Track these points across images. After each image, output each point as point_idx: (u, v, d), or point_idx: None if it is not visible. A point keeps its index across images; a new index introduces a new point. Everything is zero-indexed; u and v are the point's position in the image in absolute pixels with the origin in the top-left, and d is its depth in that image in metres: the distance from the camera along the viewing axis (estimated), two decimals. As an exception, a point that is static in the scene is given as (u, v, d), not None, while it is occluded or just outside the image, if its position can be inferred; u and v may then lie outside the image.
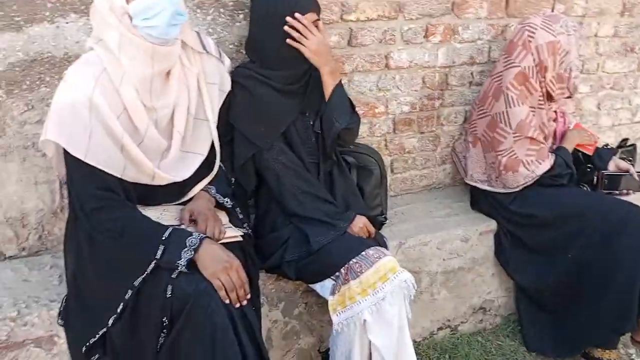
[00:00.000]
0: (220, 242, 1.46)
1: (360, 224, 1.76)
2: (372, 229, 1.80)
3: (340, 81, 1.77)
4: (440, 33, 2.26)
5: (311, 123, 1.80)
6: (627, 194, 2.24)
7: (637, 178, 2.24)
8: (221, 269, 1.34)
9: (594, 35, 2.63)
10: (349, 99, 1.81)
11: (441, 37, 2.27)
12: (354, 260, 1.60)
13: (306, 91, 1.78)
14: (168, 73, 1.46)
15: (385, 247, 1.80)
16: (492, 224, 2.21)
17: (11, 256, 1.77)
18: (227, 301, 1.34)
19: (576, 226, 2.04)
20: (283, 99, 1.74)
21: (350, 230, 1.73)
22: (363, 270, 1.58)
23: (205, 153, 1.59)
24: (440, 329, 2.18)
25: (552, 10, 2.45)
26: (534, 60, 2.09)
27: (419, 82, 2.28)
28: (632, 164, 2.37)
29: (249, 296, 1.38)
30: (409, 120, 2.31)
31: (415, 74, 2.27)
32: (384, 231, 1.99)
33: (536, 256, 2.14)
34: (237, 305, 1.35)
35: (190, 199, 1.59)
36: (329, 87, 1.73)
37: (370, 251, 1.62)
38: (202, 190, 1.61)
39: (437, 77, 2.32)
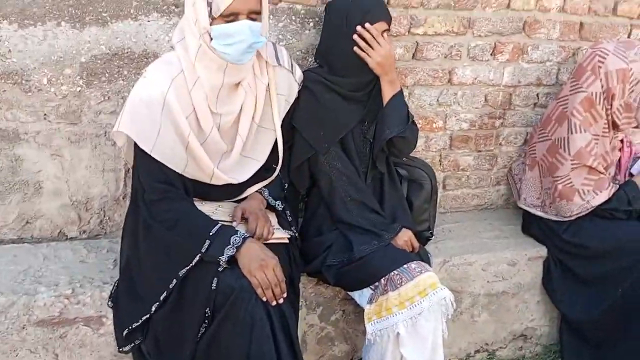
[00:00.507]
0: (267, 242, 1.53)
1: (405, 238, 1.78)
2: (417, 244, 1.81)
3: (400, 91, 1.79)
4: (508, 52, 2.23)
5: (366, 136, 1.83)
6: None
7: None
8: (257, 267, 1.40)
9: (672, 64, 2.50)
10: (408, 110, 1.82)
11: (509, 55, 2.23)
12: (395, 272, 1.62)
13: (369, 99, 1.81)
14: (238, 83, 1.54)
15: (429, 262, 1.81)
16: (542, 251, 2.17)
17: (72, 237, 1.89)
18: (264, 299, 1.40)
19: (630, 261, 1.98)
20: (347, 105, 1.78)
21: (395, 242, 1.75)
22: (403, 283, 1.60)
23: (263, 160, 1.66)
24: (477, 351, 2.16)
25: (629, 36, 2.36)
26: (602, 86, 2.02)
27: (481, 99, 2.26)
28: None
29: (285, 295, 1.44)
30: (466, 138, 2.29)
31: (478, 92, 2.25)
32: (430, 247, 2.00)
33: (585, 288, 2.09)
34: (274, 303, 1.41)
35: (244, 198, 1.66)
36: (387, 95, 1.76)
37: (413, 265, 1.64)
38: (256, 191, 1.68)
39: (500, 96, 2.28)
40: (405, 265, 1.63)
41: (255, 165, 1.64)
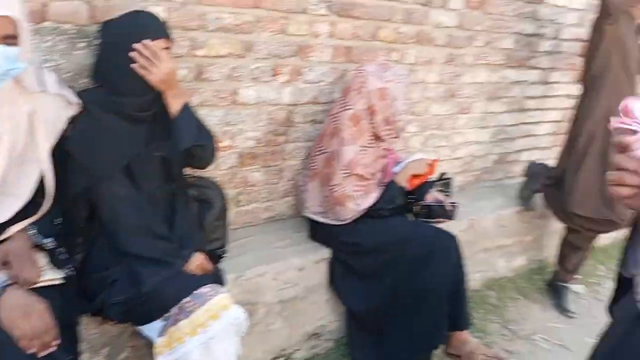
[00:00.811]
0: (36, 285, 1.40)
1: (197, 262, 1.79)
2: (209, 266, 1.84)
3: (188, 103, 1.77)
4: (287, 73, 2.39)
5: (159, 153, 1.79)
6: (441, 222, 2.56)
7: (449, 208, 2.55)
8: (20, 316, 1.28)
9: (422, 81, 2.94)
10: (199, 119, 1.81)
11: (288, 77, 2.40)
12: (187, 299, 1.61)
13: (155, 118, 1.76)
14: None
15: (223, 281, 1.86)
16: (327, 253, 2.38)
17: None
18: (31, 350, 1.28)
19: (396, 252, 2.28)
20: (131, 126, 1.71)
21: (187, 268, 1.75)
22: (195, 309, 1.59)
23: (26, 197, 1.51)
24: (274, 358, 2.28)
25: (387, 59, 2.71)
26: (366, 103, 2.28)
27: (265, 118, 2.39)
28: (448, 195, 2.70)
29: (57, 341, 1.33)
30: (254, 155, 2.40)
31: (261, 111, 2.37)
32: (223, 265, 2.03)
33: (363, 282, 2.35)
34: (44, 353, 1.30)
35: (5, 239, 1.48)
36: (174, 108, 1.73)
37: (205, 289, 1.64)
38: (20, 230, 1.51)
39: (282, 115, 2.44)
40: (197, 291, 1.63)
41: (16, 203, 1.48)
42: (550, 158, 3.56)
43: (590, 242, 3.09)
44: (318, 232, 2.43)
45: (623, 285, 1.00)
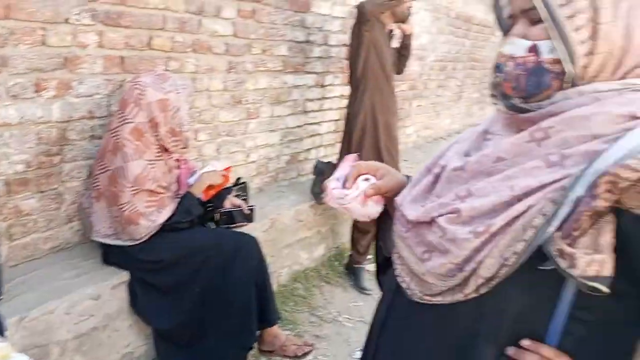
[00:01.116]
0: None
1: (-38, 311, 1.56)
2: (-22, 314, 1.61)
3: None
4: (53, 88, 2.18)
5: None
6: (242, 225, 2.62)
7: (247, 211, 2.64)
8: None
9: (206, 89, 2.96)
10: None
11: (55, 91, 2.19)
12: None
13: None
14: None
15: (1, 328, 1.63)
16: (125, 276, 2.24)
17: None
18: None
19: (197, 262, 2.26)
20: None
21: (-52, 321, 1.51)
22: None
23: None
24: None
25: (166, 68, 2.67)
26: (147, 116, 2.20)
27: (33, 138, 2.15)
28: (245, 199, 2.78)
29: None
30: (25, 180, 2.15)
31: (28, 130, 2.12)
32: (1, 308, 1.79)
33: (167, 297, 2.28)
34: None
35: None
36: None
37: None
38: None
39: (54, 133, 2.22)
40: None
41: None
42: (334, 154, 3.90)
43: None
44: (112, 256, 2.28)
45: (386, 259, 1.09)
